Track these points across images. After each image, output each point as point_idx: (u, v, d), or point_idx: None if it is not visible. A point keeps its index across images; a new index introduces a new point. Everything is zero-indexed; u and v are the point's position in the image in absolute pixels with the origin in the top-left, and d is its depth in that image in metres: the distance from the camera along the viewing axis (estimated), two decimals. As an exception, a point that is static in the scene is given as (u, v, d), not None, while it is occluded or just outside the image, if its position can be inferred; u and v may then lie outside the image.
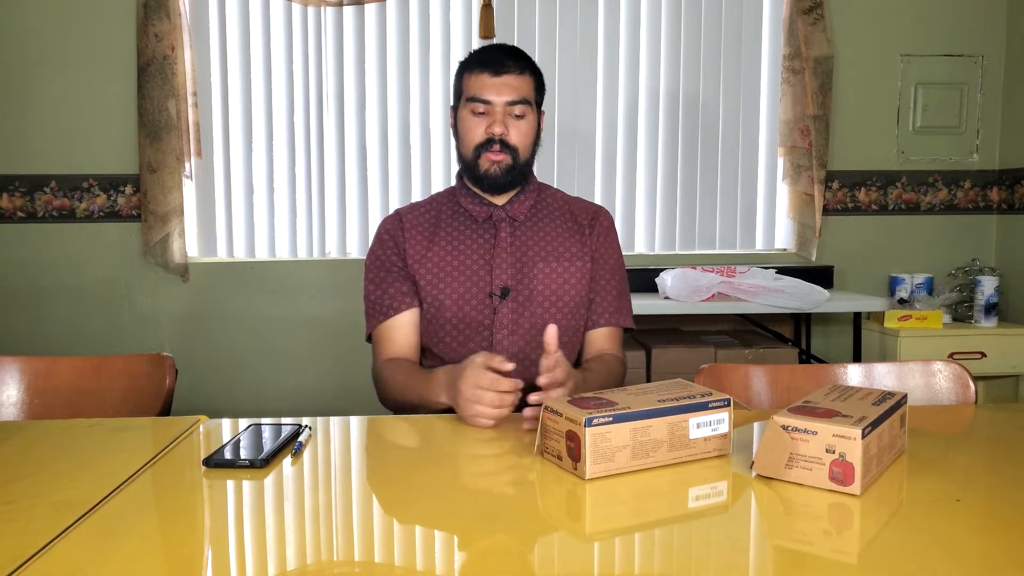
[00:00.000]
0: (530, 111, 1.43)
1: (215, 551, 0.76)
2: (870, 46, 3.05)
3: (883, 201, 3.12)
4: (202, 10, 2.88)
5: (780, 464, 0.88)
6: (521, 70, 1.42)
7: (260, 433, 1.07)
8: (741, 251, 3.12)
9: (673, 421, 0.95)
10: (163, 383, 1.39)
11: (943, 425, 1.20)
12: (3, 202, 2.86)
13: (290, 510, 0.85)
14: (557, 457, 0.95)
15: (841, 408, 0.91)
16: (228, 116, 2.93)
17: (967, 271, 3.07)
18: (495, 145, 1.40)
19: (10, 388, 1.43)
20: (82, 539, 0.76)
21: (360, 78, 2.95)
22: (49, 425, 1.19)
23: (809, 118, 2.94)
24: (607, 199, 3.05)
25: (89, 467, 0.98)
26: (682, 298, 2.58)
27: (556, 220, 1.50)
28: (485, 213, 1.47)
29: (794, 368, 1.45)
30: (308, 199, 2.97)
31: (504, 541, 0.76)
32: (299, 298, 2.95)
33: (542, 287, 1.43)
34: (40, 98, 2.84)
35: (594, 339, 1.48)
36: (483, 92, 1.40)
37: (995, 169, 3.14)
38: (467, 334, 1.42)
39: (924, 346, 2.77)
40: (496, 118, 1.40)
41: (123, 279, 2.91)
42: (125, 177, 2.89)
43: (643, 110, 3.05)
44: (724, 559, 0.74)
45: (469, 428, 1.14)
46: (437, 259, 1.45)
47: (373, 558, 0.75)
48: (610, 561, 0.74)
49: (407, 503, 0.88)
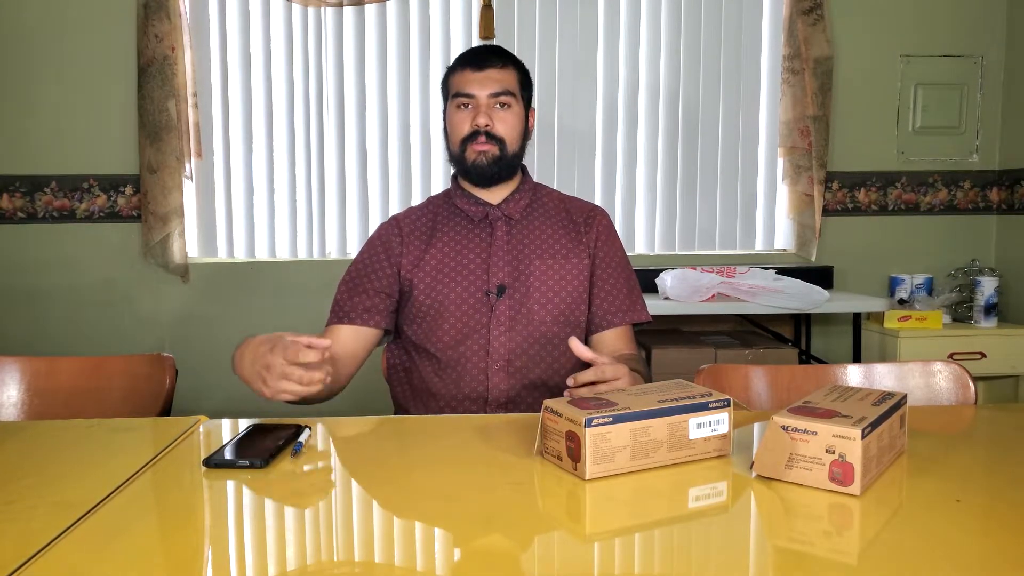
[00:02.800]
0: (515, 102, 1.45)
1: (215, 551, 0.76)
2: (870, 46, 3.05)
3: (883, 201, 3.12)
4: (202, 10, 2.88)
5: (780, 464, 0.88)
6: (503, 64, 1.45)
7: (260, 433, 1.07)
8: (741, 251, 3.12)
9: (673, 421, 0.95)
10: (163, 383, 1.39)
11: (943, 425, 1.20)
12: (3, 202, 2.86)
13: (290, 510, 0.85)
14: (557, 457, 0.95)
15: (841, 408, 0.91)
16: (228, 116, 2.93)
17: (967, 271, 3.07)
18: (480, 136, 1.42)
19: (10, 388, 1.43)
20: (82, 539, 0.76)
21: (360, 78, 2.96)
22: (49, 425, 1.19)
23: (809, 118, 2.95)
24: (607, 199, 3.05)
25: (89, 467, 0.98)
26: (682, 298, 2.58)
27: (552, 218, 1.50)
28: (481, 212, 1.48)
29: (794, 368, 1.45)
30: (308, 199, 2.98)
31: (504, 541, 0.76)
32: (299, 298, 2.95)
33: (539, 284, 1.43)
34: (40, 98, 2.84)
35: (608, 340, 1.47)
36: (466, 87, 1.43)
37: (995, 169, 3.14)
38: (464, 332, 1.41)
39: (924, 346, 2.76)
40: (480, 110, 1.42)
41: (123, 279, 2.91)
42: (125, 177, 2.89)
43: (643, 110, 3.05)
44: (724, 559, 0.74)
45: (469, 428, 1.14)
46: (435, 260, 1.45)
47: (373, 558, 0.75)
48: (610, 561, 0.74)
49: (407, 503, 0.88)
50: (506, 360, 1.40)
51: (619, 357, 1.42)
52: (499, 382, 1.40)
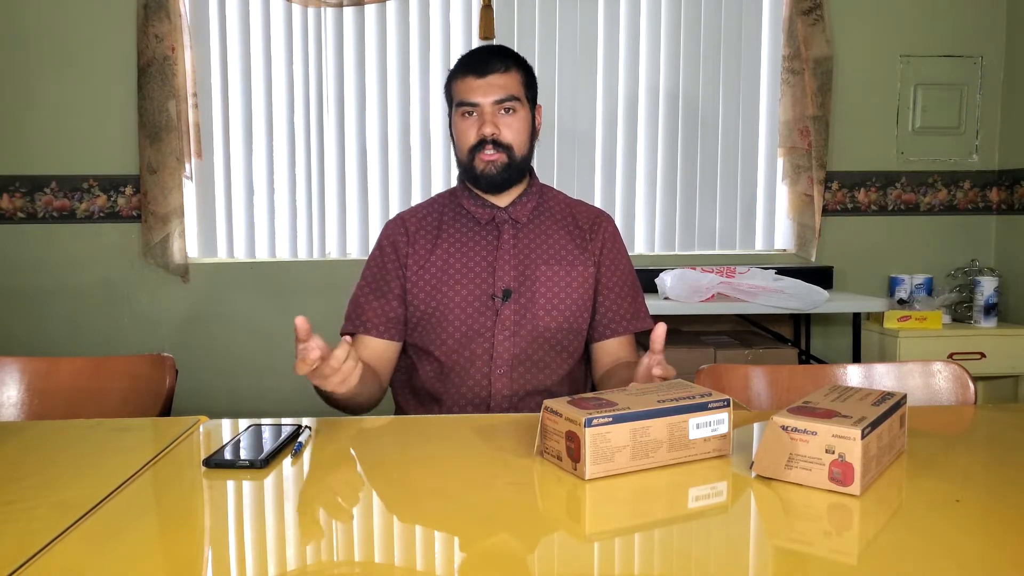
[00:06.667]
0: (520, 106, 1.42)
1: (215, 551, 0.76)
2: (870, 47, 3.05)
3: (883, 202, 3.12)
4: (202, 10, 2.88)
5: (780, 464, 0.88)
6: (506, 67, 1.41)
7: (260, 433, 1.07)
8: (741, 251, 3.12)
9: (673, 421, 0.95)
10: (163, 383, 1.39)
11: (943, 425, 1.20)
12: (3, 202, 2.86)
13: (290, 510, 0.85)
14: (557, 457, 0.95)
15: (841, 408, 0.91)
16: (228, 116, 2.93)
17: (967, 271, 3.07)
18: (487, 146, 1.40)
19: (10, 388, 1.43)
20: (82, 539, 0.76)
21: (360, 78, 2.96)
22: (49, 425, 1.19)
23: (809, 119, 2.95)
24: (607, 199, 3.05)
25: (89, 467, 0.98)
26: (682, 298, 2.58)
27: (558, 223, 1.50)
28: (487, 215, 1.47)
29: (794, 368, 1.45)
30: (308, 199, 2.98)
31: (504, 541, 0.76)
32: (299, 298, 2.95)
33: (544, 290, 1.43)
34: (40, 99, 2.84)
35: (611, 347, 1.47)
36: (470, 95, 1.40)
37: (994, 170, 3.14)
38: (469, 336, 1.41)
39: (924, 346, 2.76)
40: (485, 119, 1.40)
41: (123, 280, 2.91)
42: (125, 178, 2.89)
43: (643, 110, 3.05)
44: (724, 559, 0.74)
45: (469, 428, 1.14)
46: (440, 262, 1.44)
47: (373, 558, 0.75)
48: (610, 561, 0.74)
49: (407, 503, 0.88)
50: (509, 365, 1.40)
51: (624, 365, 1.42)
52: (502, 387, 1.40)
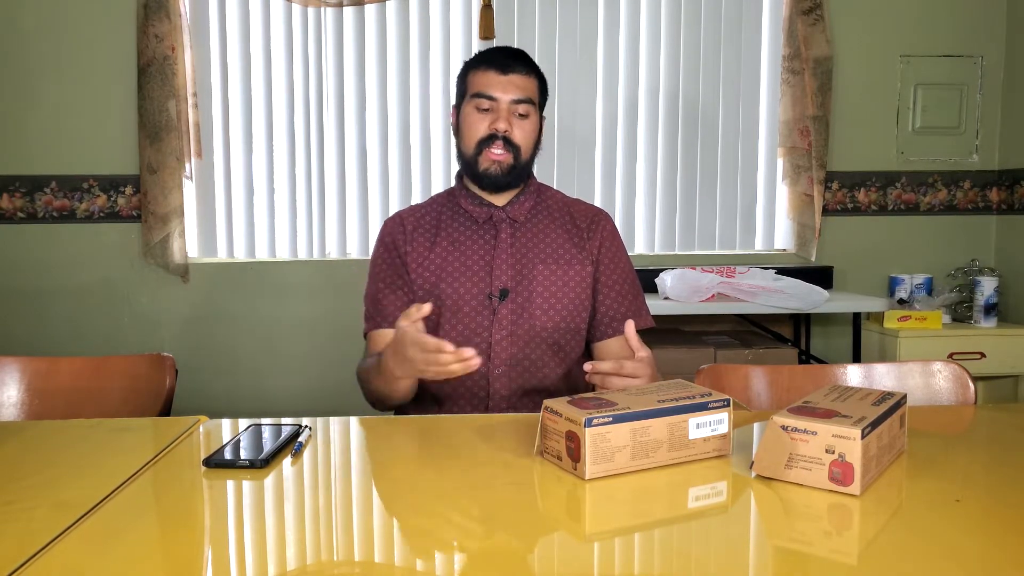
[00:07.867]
0: (534, 112, 1.44)
1: (215, 551, 0.76)
2: (870, 47, 3.05)
3: (883, 201, 3.12)
4: (202, 10, 2.88)
5: (780, 464, 0.88)
6: (528, 71, 1.43)
7: (260, 433, 1.07)
8: (741, 251, 3.12)
9: (673, 421, 0.95)
10: (163, 383, 1.39)
11: (943, 425, 1.20)
12: (3, 202, 2.86)
13: (290, 510, 0.85)
14: (557, 457, 0.95)
15: (841, 408, 0.91)
16: (228, 116, 2.93)
17: (967, 271, 3.07)
18: (498, 142, 1.40)
19: (10, 388, 1.43)
20: (82, 539, 0.76)
21: (360, 78, 2.95)
22: (49, 425, 1.19)
23: (809, 118, 2.95)
24: (606, 199, 3.05)
25: (89, 467, 0.98)
26: (682, 298, 2.58)
27: (556, 222, 1.50)
28: (485, 214, 1.47)
29: (794, 368, 1.45)
30: (308, 199, 2.97)
31: (504, 541, 0.76)
32: (299, 298, 2.95)
33: (541, 289, 1.43)
34: (40, 99, 2.84)
35: (612, 347, 1.47)
36: (489, 88, 1.41)
37: (994, 169, 3.14)
38: (466, 335, 1.41)
39: (924, 346, 2.76)
40: (501, 115, 1.40)
41: (123, 280, 2.91)
42: (125, 178, 2.89)
43: (643, 110, 3.05)
44: (724, 559, 0.74)
45: (469, 428, 1.15)
46: (438, 260, 1.44)
47: (373, 558, 0.75)
48: (610, 561, 0.74)
49: (407, 503, 0.88)
50: (508, 365, 1.40)
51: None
52: (500, 387, 1.40)
